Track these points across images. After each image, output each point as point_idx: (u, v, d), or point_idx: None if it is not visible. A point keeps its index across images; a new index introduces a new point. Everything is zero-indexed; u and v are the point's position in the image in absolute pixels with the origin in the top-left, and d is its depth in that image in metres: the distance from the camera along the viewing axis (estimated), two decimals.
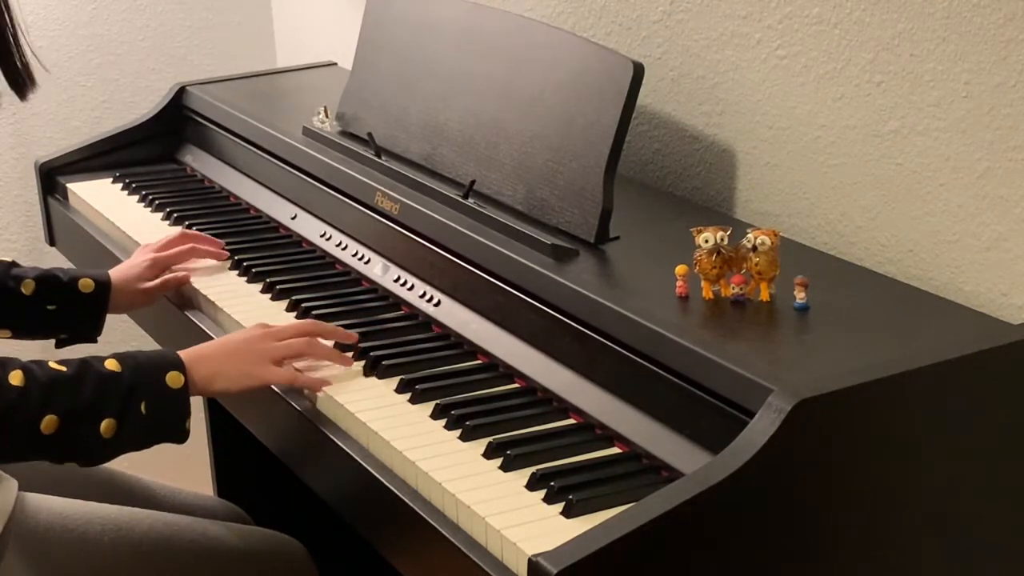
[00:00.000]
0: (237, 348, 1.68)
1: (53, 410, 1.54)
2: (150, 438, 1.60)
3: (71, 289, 1.93)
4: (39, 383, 1.54)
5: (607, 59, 1.78)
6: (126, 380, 1.58)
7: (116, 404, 1.56)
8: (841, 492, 1.37)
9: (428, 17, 2.12)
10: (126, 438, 1.58)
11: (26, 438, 1.54)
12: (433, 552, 1.43)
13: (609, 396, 1.54)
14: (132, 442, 1.59)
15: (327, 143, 2.19)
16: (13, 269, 1.93)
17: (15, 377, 1.54)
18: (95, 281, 1.94)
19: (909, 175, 1.69)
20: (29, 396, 1.53)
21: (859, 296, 1.61)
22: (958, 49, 1.60)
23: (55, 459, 1.60)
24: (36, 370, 1.56)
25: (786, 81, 1.83)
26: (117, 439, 1.57)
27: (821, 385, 1.33)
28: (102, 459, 1.61)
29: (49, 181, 2.52)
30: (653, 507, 1.26)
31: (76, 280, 1.93)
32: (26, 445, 1.56)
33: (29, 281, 1.91)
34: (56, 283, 1.92)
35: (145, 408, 1.58)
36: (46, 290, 1.92)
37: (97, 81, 3.04)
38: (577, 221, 1.77)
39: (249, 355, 1.67)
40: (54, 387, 1.55)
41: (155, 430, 1.60)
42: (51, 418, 1.54)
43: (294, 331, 1.71)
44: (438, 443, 1.53)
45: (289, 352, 1.68)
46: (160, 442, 1.61)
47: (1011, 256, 1.58)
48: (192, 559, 1.78)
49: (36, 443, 1.55)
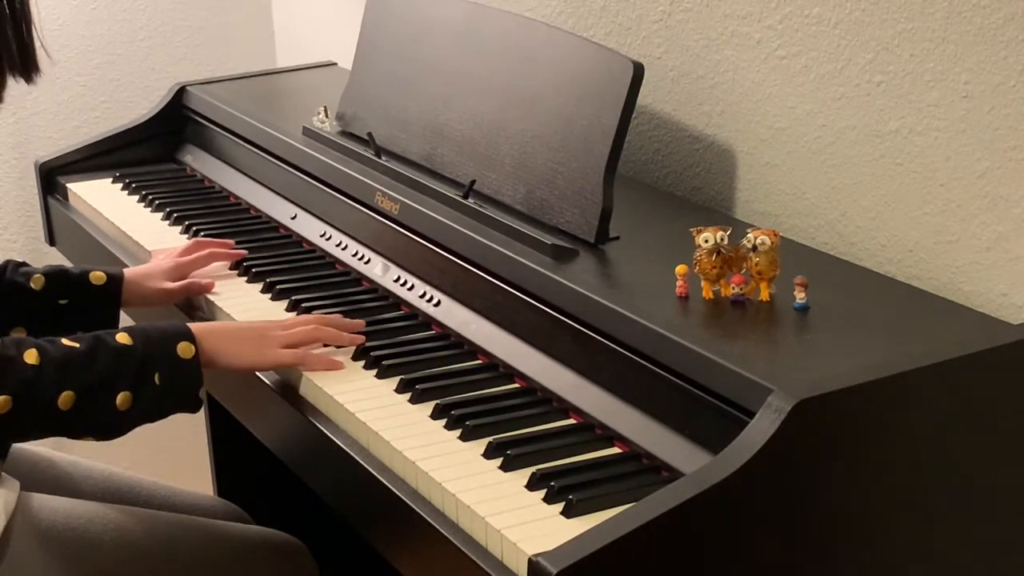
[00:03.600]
0: (247, 331, 1.71)
1: (69, 386, 1.55)
2: (165, 408, 1.62)
3: (82, 282, 1.90)
4: (54, 360, 1.56)
5: (607, 59, 1.78)
6: (139, 352, 1.59)
7: (130, 376, 1.58)
8: (841, 492, 1.37)
9: (428, 17, 2.12)
10: (141, 409, 1.59)
11: (45, 414, 1.56)
12: (433, 552, 1.43)
13: (609, 396, 1.54)
14: (147, 413, 1.60)
15: (327, 143, 2.19)
16: (23, 267, 1.91)
17: (30, 356, 1.55)
18: (107, 274, 1.93)
19: (909, 175, 1.69)
20: (45, 373, 1.55)
21: (859, 296, 1.61)
22: (958, 49, 1.60)
23: (73, 434, 1.61)
24: (50, 348, 1.57)
25: (786, 81, 1.83)
26: (133, 411, 1.59)
27: (821, 385, 1.33)
28: (119, 432, 1.62)
29: (49, 181, 2.52)
30: (653, 507, 1.26)
31: (87, 273, 1.91)
32: (45, 421, 1.57)
33: (39, 276, 1.89)
34: (66, 277, 1.91)
35: (159, 379, 1.59)
36: (56, 284, 1.90)
37: (97, 81, 3.04)
38: (577, 221, 1.77)
39: (258, 338, 1.70)
40: (69, 363, 1.56)
41: (169, 400, 1.61)
42: (68, 394, 1.55)
43: (304, 320, 1.74)
44: (438, 443, 1.53)
45: (297, 339, 1.71)
46: (174, 412, 1.63)
47: (1011, 256, 1.58)
48: (193, 559, 1.78)
49: (55, 419, 1.56)
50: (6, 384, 1.53)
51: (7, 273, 1.89)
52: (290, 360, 1.69)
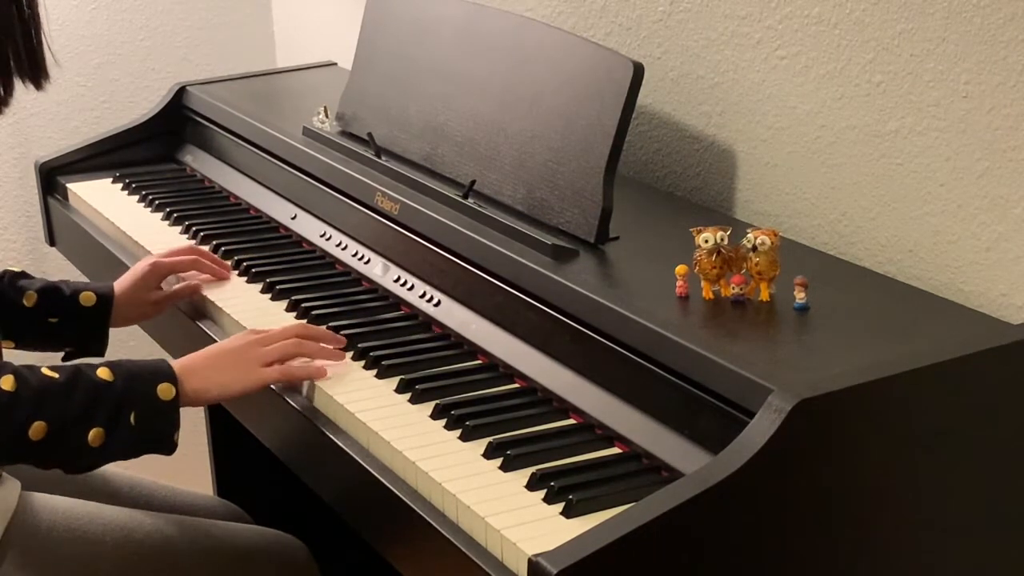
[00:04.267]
0: (228, 355, 1.67)
1: (43, 416, 1.53)
2: (138, 449, 1.59)
3: (72, 302, 1.90)
4: (30, 389, 1.53)
5: (607, 59, 1.78)
6: (117, 390, 1.57)
7: (106, 414, 1.56)
8: (841, 492, 1.37)
9: (428, 17, 2.12)
10: (113, 448, 1.57)
11: (13, 442, 1.53)
12: (433, 552, 1.43)
13: (609, 396, 1.54)
14: (119, 452, 1.58)
15: (327, 143, 2.19)
16: (20, 280, 1.91)
17: (6, 382, 1.53)
18: (97, 295, 1.92)
19: (909, 175, 1.69)
20: (19, 401, 1.52)
21: (859, 296, 1.62)
22: (958, 49, 1.60)
23: (40, 464, 1.59)
24: (28, 376, 1.55)
25: (786, 81, 1.83)
26: (104, 448, 1.56)
27: (821, 385, 1.33)
28: (87, 468, 1.60)
29: (49, 181, 2.52)
30: (653, 507, 1.26)
31: (78, 293, 1.91)
32: (12, 449, 1.55)
33: (32, 293, 1.89)
34: (58, 296, 1.90)
35: (135, 419, 1.57)
36: (47, 303, 1.90)
37: (97, 81, 3.04)
38: (577, 221, 1.77)
39: (241, 362, 1.67)
40: (45, 394, 1.54)
41: (143, 441, 1.59)
42: (40, 424, 1.53)
43: (281, 335, 1.71)
44: (438, 443, 1.53)
45: (278, 355, 1.68)
46: (147, 453, 1.60)
47: (1011, 256, 1.58)
48: (193, 559, 1.78)
49: (22, 448, 1.54)
50: None
51: (3, 285, 1.89)
52: (274, 377, 1.67)
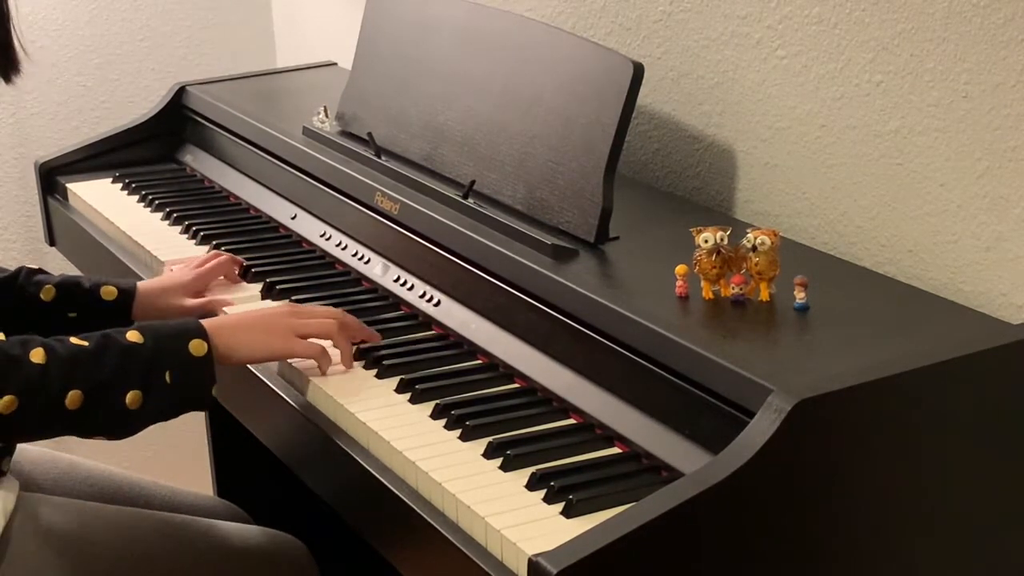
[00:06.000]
0: (262, 320, 1.67)
1: (77, 385, 1.53)
2: (176, 407, 1.59)
3: (92, 296, 1.87)
4: (60, 359, 1.53)
5: (607, 59, 1.78)
6: (148, 350, 1.56)
7: (140, 375, 1.55)
8: (841, 492, 1.37)
9: (428, 17, 2.12)
10: (152, 409, 1.56)
11: (52, 414, 1.53)
12: (433, 552, 1.43)
13: (609, 396, 1.54)
14: (158, 412, 1.57)
15: (327, 143, 2.19)
16: (37, 275, 1.88)
17: (36, 355, 1.52)
18: (118, 289, 1.89)
19: (909, 175, 1.69)
20: (51, 372, 1.52)
21: (859, 296, 1.62)
22: (958, 49, 1.60)
23: (83, 434, 1.58)
24: (57, 346, 1.54)
25: (786, 81, 1.83)
26: (143, 410, 1.56)
27: (821, 385, 1.33)
28: (129, 431, 1.58)
29: (49, 181, 2.52)
30: (653, 507, 1.26)
31: (99, 287, 1.88)
32: (52, 421, 1.54)
33: (50, 287, 1.86)
34: (77, 289, 1.87)
35: (170, 377, 1.57)
36: (66, 297, 1.87)
37: (97, 81, 3.04)
38: (577, 221, 1.77)
39: (274, 328, 1.66)
40: (76, 362, 1.54)
41: (181, 399, 1.58)
42: (75, 393, 1.52)
43: (324, 313, 1.71)
44: (438, 443, 1.53)
45: (316, 331, 1.68)
46: (186, 411, 1.60)
47: (1011, 256, 1.58)
48: (193, 559, 1.78)
49: (62, 418, 1.53)
50: (11, 384, 1.50)
51: (20, 280, 1.87)
52: (306, 352, 1.67)
